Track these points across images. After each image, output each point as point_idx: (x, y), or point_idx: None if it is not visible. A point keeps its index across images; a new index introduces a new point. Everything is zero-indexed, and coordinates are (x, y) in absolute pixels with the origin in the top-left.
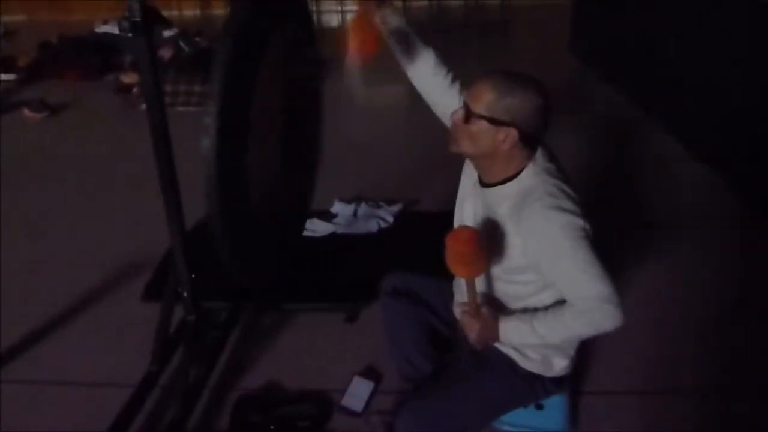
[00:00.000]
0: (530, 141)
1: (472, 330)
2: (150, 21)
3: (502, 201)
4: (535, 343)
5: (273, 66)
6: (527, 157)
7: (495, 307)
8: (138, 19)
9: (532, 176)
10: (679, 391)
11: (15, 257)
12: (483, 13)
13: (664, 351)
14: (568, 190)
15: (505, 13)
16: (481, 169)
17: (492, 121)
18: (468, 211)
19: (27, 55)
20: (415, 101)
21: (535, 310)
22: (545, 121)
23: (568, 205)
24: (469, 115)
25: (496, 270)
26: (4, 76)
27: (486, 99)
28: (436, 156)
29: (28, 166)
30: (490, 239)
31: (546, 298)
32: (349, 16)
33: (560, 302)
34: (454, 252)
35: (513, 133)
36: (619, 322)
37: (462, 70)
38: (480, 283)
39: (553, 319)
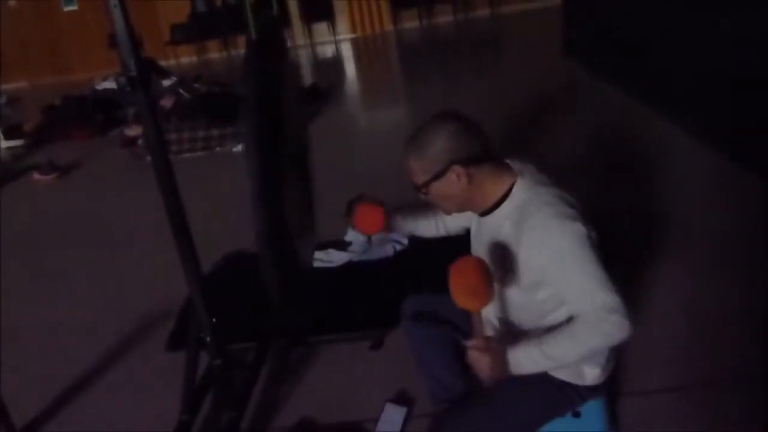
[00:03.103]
0: (480, 159)
1: (483, 365)
2: (147, 74)
3: (503, 222)
4: (551, 367)
5: (286, 99)
6: (503, 173)
7: (506, 336)
8: (134, 74)
9: (525, 190)
10: (718, 383)
11: (35, 319)
12: (473, 26)
13: (696, 345)
14: (566, 196)
15: (495, 23)
16: (474, 210)
17: (435, 177)
18: (476, 242)
19: (32, 120)
20: (414, 123)
21: (550, 328)
22: (475, 134)
23: (568, 211)
24: (420, 190)
25: (513, 291)
26: (12, 143)
27: (415, 169)
28: None
29: (42, 228)
30: (500, 262)
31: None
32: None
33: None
34: (457, 284)
35: (457, 168)
36: (628, 331)
37: (459, 87)
38: (502, 307)
39: (562, 339)
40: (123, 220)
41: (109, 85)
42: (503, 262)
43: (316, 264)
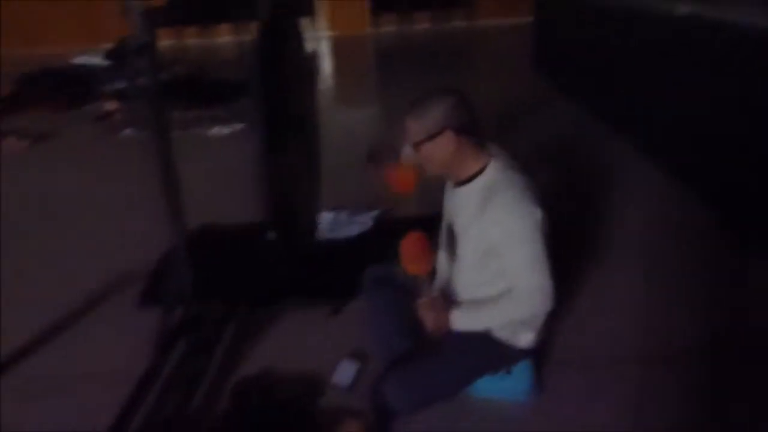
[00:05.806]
0: (468, 131)
1: (427, 319)
2: (154, 41)
3: (474, 195)
4: (480, 327)
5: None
6: (481, 152)
7: (451, 297)
8: (145, 42)
9: (496, 171)
10: (627, 360)
11: (11, 275)
12: (449, 35)
13: (625, 327)
14: (530, 184)
15: (470, 35)
16: (451, 177)
17: (428, 138)
18: (448, 208)
19: (3, 88)
20: (386, 121)
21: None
22: (469, 111)
23: (529, 196)
24: (414, 147)
25: (471, 258)
26: None
27: (413, 129)
28: None
29: (13, 194)
30: (464, 229)
31: None
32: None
33: None
34: (404, 253)
35: (448, 133)
36: (549, 308)
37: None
38: (462, 271)
39: (494, 307)
40: (94, 188)
41: (86, 60)
42: (467, 229)
43: None
